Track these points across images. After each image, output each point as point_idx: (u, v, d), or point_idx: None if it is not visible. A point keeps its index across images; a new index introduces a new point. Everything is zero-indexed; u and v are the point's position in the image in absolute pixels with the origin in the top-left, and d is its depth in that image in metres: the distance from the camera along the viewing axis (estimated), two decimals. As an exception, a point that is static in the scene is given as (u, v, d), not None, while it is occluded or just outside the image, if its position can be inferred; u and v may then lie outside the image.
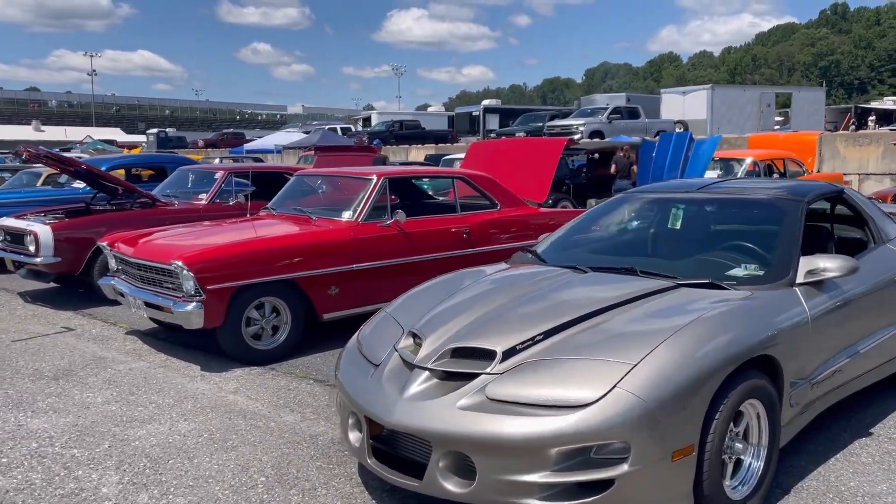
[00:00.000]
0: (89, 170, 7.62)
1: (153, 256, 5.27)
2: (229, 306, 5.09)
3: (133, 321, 6.68)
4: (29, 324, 6.64)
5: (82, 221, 7.33)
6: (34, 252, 7.05)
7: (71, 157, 7.85)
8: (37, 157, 7.58)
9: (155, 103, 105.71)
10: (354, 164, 9.32)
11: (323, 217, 5.94)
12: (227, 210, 8.10)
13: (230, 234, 5.75)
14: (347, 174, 6.59)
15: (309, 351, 5.55)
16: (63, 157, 7.55)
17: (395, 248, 5.89)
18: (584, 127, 24.56)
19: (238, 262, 5.12)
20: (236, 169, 8.48)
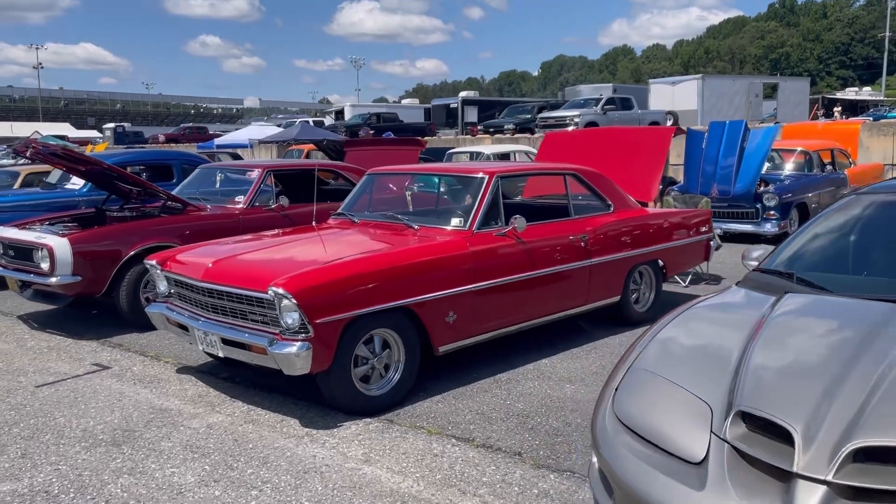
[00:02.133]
0: (109, 169, 6.36)
1: (237, 281, 4.13)
2: (339, 343, 4.00)
3: (180, 354, 5.50)
4: (49, 360, 5.41)
5: (106, 232, 6.08)
6: (48, 270, 5.79)
7: (89, 154, 6.60)
8: (43, 154, 6.29)
9: (104, 97, 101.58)
10: (397, 159, 8.22)
11: (426, 225, 4.88)
12: (268, 215, 6.95)
13: (321, 249, 4.65)
14: (448, 171, 5.51)
15: (420, 395, 4.50)
16: (76, 155, 6.29)
17: (514, 261, 4.87)
18: (579, 118, 23.77)
19: (349, 287, 4.03)
20: (275, 166, 7.30)
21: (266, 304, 3.99)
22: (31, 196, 8.88)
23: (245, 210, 6.85)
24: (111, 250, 5.99)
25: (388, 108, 39.22)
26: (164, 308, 4.79)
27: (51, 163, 6.86)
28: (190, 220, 6.55)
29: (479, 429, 3.97)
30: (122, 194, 7.28)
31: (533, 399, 4.41)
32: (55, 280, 5.80)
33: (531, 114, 27.86)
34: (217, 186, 7.55)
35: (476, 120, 34.40)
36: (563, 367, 4.99)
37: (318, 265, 4.09)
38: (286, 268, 4.10)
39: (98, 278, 5.97)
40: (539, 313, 5.13)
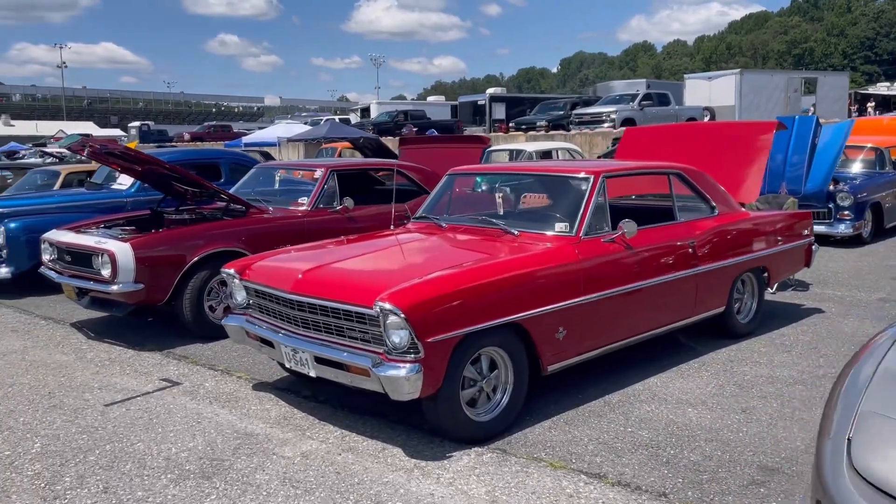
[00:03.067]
0: (170, 170, 6.00)
1: (335, 294, 3.73)
2: (448, 364, 3.59)
3: (251, 368, 5.13)
4: (112, 374, 5.05)
5: (169, 236, 5.71)
6: (110, 278, 5.44)
7: (150, 153, 6.25)
8: (100, 153, 5.94)
9: (127, 96, 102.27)
10: (457, 158, 7.79)
11: (526, 231, 4.44)
12: (333, 217, 6.56)
13: (420, 258, 4.24)
14: (545, 171, 5.06)
15: (527, 420, 4.06)
16: (135, 154, 5.92)
17: (624, 271, 4.43)
18: (615, 114, 23.24)
19: (460, 301, 3.61)
20: (339, 166, 6.91)
21: (368, 320, 3.58)
22: (78, 197, 8.56)
23: (309, 212, 6.46)
24: (175, 256, 5.62)
25: (414, 106, 38.80)
26: (243, 321, 4.40)
27: (105, 162, 6.52)
28: (253, 223, 6.17)
29: (607, 462, 3.54)
30: (177, 195, 6.94)
31: (656, 425, 3.96)
32: (116, 288, 5.44)
33: (564, 110, 27.31)
34: (276, 187, 7.17)
35: (504, 117, 33.92)
36: (677, 388, 4.53)
37: (424, 277, 3.67)
38: (389, 280, 3.68)
39: (161, 286, 5.61)
40: (647, 327, 4.68)
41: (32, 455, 3.77)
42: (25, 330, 6.33)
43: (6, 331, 6.32)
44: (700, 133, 6.39)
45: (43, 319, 6.70)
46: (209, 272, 5.76)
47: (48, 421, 4.22)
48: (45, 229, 7.70)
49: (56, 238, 6.03)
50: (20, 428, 4.13)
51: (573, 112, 24.93)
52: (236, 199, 6.25)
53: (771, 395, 4.40)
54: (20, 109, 79.18)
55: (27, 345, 5.84)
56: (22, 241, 7.60)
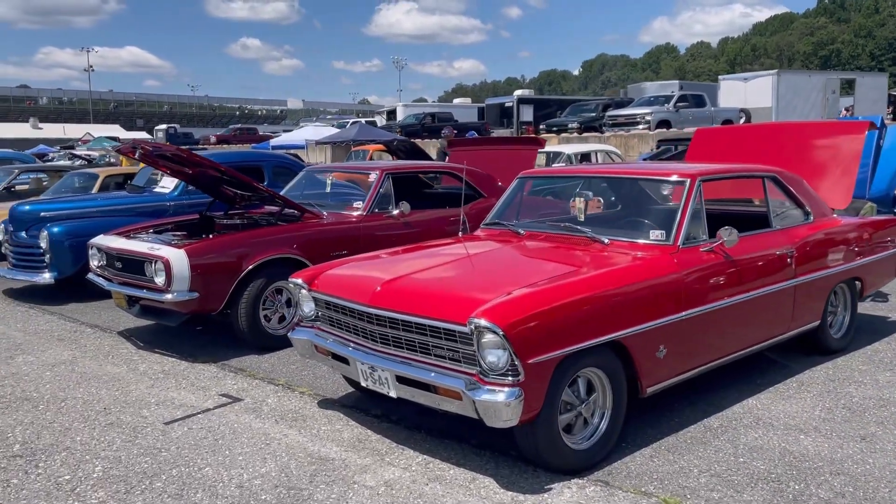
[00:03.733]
0: (226, 173, 5.74)
1: (421, 308, 3.41)
2: (549, 388, 3.26)
3: (313, 383, 4.84)
4: (168, 388, 4.79)
5: (225, 242, 5.45)
6: (164, 286, 5.18)
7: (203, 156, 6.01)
8: (152, 155, 5.70)
9: (152, 99, 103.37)
10: (511, 161, 7.48)
11: (618, 239, 4.10)
12: (389, 222, 6.26)
13: (508, 269, 3.93)
14: (634, 173, 4.71)
15: (625, 448, 3.72)
16: (189, 157, 5.66)
17: (725, 283, 4.07)
18: (651, 116, 22.79)
19: (561, 318, 3.28)
20: (394, 169, 6.61)
21: (459, 337, 3.27)
22: (120, 200, 8.36)
23: (364, 217, 6.17)
24: (230, 263, 5.35)
25: (440, 108, 38.54)
26: (311, 335, 4.11)
27: (156, 165, 6.29)
28: (308, 228, 5.89)
29: (726, 498, 3.18)
30: (226, 199, 6.70)
31: (770, 455, 3.60)
32: (170, 297, 5.18)
33: (595, 112, 26.88)
34: (326, 191, 6.89)
35: (531, 119, 33.55)
36: (780, 411, 4.16)
37: (520, 291, 3.34)
38: (481, 293, 3.36)
39: (216, 294, 5.34)
40: (744, 344, 4.32)
41: (94, 480, 3.50)
42: (72, 339, 6.10)
43: (52, 339, 6.10)
44: (785, 134, 6.00)
45: (89, 327, 6.48)
46: (265, 280, 5.49)
47: (107, 440, 3.96)
48: (89, 234, 7.52)
49: (106, 244, 5.80)
50: (78, 448, 3.87)
51: (606, 114, 24.49)
52: (291, 204, 5.98)
53: (888, 420, 4.01)
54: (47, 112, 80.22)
55: (76, 355, 5.61)
56: (65, 246, 7.41)
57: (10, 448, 3.89)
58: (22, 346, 5.91)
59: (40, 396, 4.70)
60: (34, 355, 5.63)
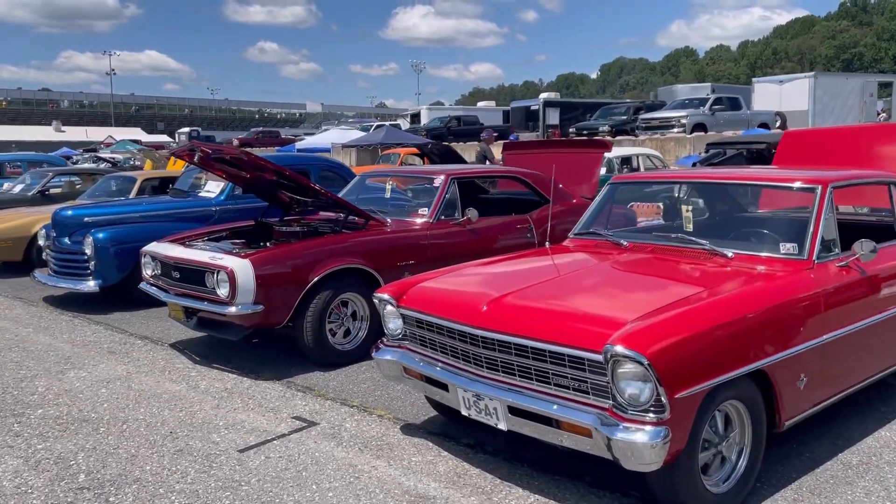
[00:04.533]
0: (291, 178, 5.39)
1: (544, 332, 3.02)
2: (693, 426, 2.87)
3: (390, 404, 4.47)
4: (235, 409, 4.44)
5: (290, 252, 5.09)
6: (227, 298, 4.84)
7: (266, 158, 5.66)
8: (209, 159, 5.37)
9: (173, 102, 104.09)
10: (573, 165, 7.08)
11: (743, 252, 3.69)
12: (456, 230, 5.88)
13: (632, 287, 3.54)
14: (755, 179, 4.29)
15: (760, 488, 3.31)
16: (251, 160, 5.32)
17: (861, 302, 3.66)
18: (686, 119, 22.26)
19: (707, 345, 2.89)
20: (460, 173, 6.23)
21: (589, 365, 2.88)
22: (165, 205, 8.06)
23: (431, 224, 5.80)
24: (296, 274, 5.00)
25: (465, 111, 38.18)
26: (400, 356, 3.74)
27: (211, 168, 5.96)
28: (374, 237, 5.53)
29: (902, 553, 2.77)
30: (282, 204, 6.36)
31: (932, 499, 3.18)
32: (234, 310, 4.84)
33: (627, 115, 26.37)
34: (385, 196, 6.53)
35: (558, 122, 33.08)
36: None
37: (660, 314, 2.95)
38: (613, 315, 2.98)
39: (281, 307, 5.00)
40: (879, 368, 3.90)
41: (173, 519, 3.16)
42: (123, 352, 5.79)
43: (103, 352, 5.79)
44: (872, 136, 5.56)
45: (139, 339, 6.16)
46: (332, 292, 5.14)
47: (179, 470, 3.62)
48: (134, 240, 7.25)
49: (162, 252, 5.47)
50: (149, 480, 3.53)
51: (640, 117, 23.97)
52: (356, 210, 5.61)
53: None
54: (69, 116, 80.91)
55: (130, 370, 5.28)
56: (111, 253, 7.11)
57: (74, 479, 3.56)
58: (72, 359, 5.60)
59: (99, 417, 4.37)
60: (86, 370, 5.31)
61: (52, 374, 5.22)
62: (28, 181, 12.52)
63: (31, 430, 4.19)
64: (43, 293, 8.15)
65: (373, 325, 5.39)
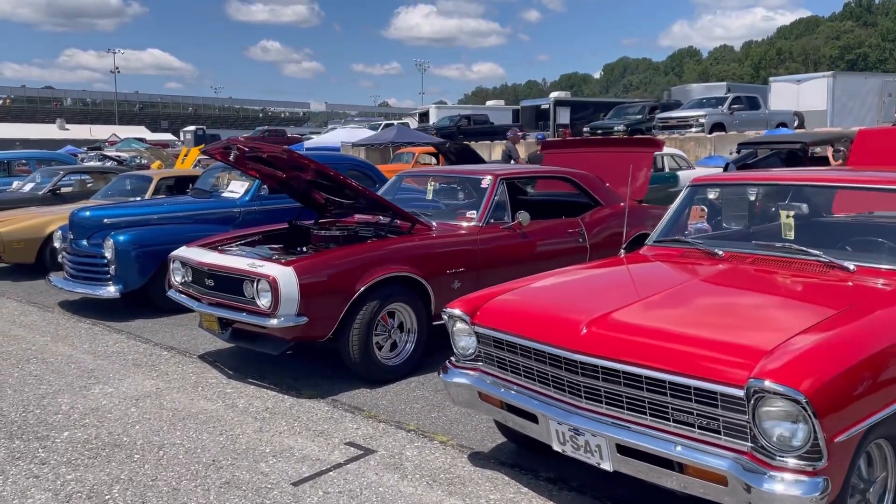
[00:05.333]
0: (333, 178, 4.97)
1: (668, 361, 2.60)
2: (847, 472, 2.45)
3: (449, 428, 4.05)
4: (281, 433, 4.02)
5: (337, 258, 4.67)
6: (269, 309, 4.42)
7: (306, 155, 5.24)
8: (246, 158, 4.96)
9: (177, 101, 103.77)
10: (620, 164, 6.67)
11: (866, 265, 3.27)
12: (506, 234, 5.47)
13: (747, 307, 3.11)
14: (866, 182, 3.87)
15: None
16: (294, 159, 4.91)
17: None
18: (705, 118, 21.81)
19: (864, 378, 2.47)
20: (509, 174, 5.81)
21: (722, 400, 2.46)
22: (187, 206, 7.64)
23: (480, 228, 5.38)
24: (343, 282, 4.58)
25: (474, 110, 37.75)
26: (475, 379, 3.33)
27: (244, 167, 5.55)
28: (421, 241, 5.11)
29: None
30: (316, 206, 5.96)
31: None
32: (276, 322, 4.42)
33: (642, 114, 25.93)
34: (428, 198, 6.11)
35: (568, 121, 32.67)
36: None
37: (807, 340, 2.53)
38: (750, 341, 2.56)
39: (326, 319, 4.58)
40: None
41: (230, 571, 2.74)
42: (150, 364, 5.38)
43: (128, 364, 5.38)
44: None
45: (165, 350, 5.75)
46: (379, 302, 4.72)
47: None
48: (157, 243, 6.86)
49: (194, 257, 5.05)
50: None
51: (657, 116, 23.52)
52: (403, 214, 5.19)
53: None
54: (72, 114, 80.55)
55: (160, 385, 4.87)
56: (132, 256, 6.70)
57: (112, 517, 3.15)
58: (95, 373, 5.19)
59: (132, 441, 3.96)
60: (112, 385, 4.91)
61: (75, 390, 4.82)
62: (38, 180, 12.12)
63: (59, 456, 3.78)
64: (58, 298, 7.75)
65: (420, 338, 4.99)
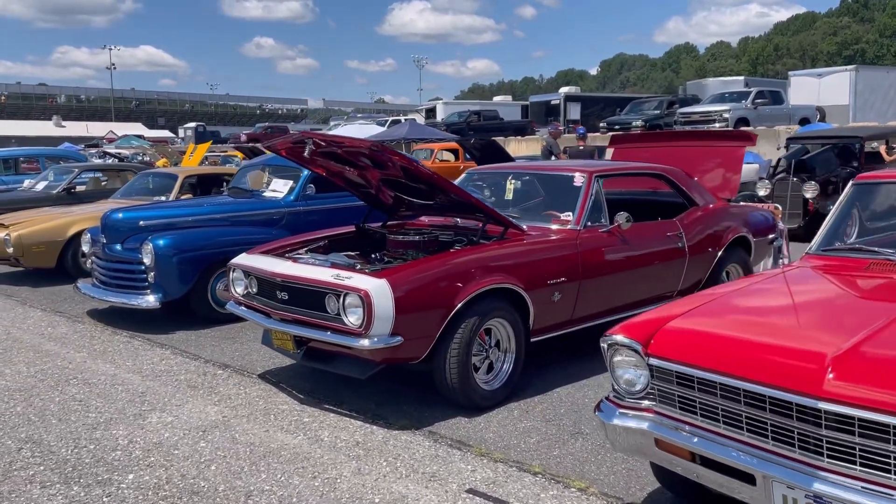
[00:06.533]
0: (421, 176, 4.37)
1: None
2: None
3: (581, 468, 3.46)
4: (384, 474, 3.43)
5: (434, 267, 4.06)
6: (360, 327, 3.81)
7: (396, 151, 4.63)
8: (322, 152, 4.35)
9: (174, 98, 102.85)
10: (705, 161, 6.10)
11: None
12: (605, 238, 4.88)
13: None
14: None
15: None
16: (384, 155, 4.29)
17: None
18: (729, 113, 21.25)
19: None
20: (604, 170, 5.21)
21: None
22: (228, 207, 7.01)
23: (582, 233, 4.78)
24: (442, 296, 3.98)
25: (483, 106, 37.11)
26: (652, 424, 2.73)
27: (311, 164, 4.94)
28: (519, 247, 4.51)
29: None
30: (385, 208, 5.37)
31: None
32: (368, 343, 3.82)
33: (660, 109, 25.39)
34: (507, 197, 5.51)
35: (579, 117, 32.11)
36: None
37: None
38: None
39: (421, 338, 3.98)
40: None
41: None
42: (207, 386, 4.78)
43: (181, 386, 4.78)
44: None
45: (219, 368, 5.15)
46: (478, 318, 4.13)
47: (356, 583, 2.62)
48: (199, 247, 6.29)
49: (264, 266, 4.43)
50: None
51: (678, 111, 22.94)
52: (496, 216, 4.58)
53: None
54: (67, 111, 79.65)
55: (225, 413, 4.27)
56: (173, 262, 6.09)
57: None
58: (147, 397, 4.59)
59: (212, 487, 3.36)
60: (170, 412, 4.31)
61: (129, 419, 4.21)
62: (51, 178, 11.47)
63: (129, 508, 3.19)
64: (85, 306, 7.13)
65: (518, 357, 4.41)
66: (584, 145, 11.43)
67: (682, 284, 5.43)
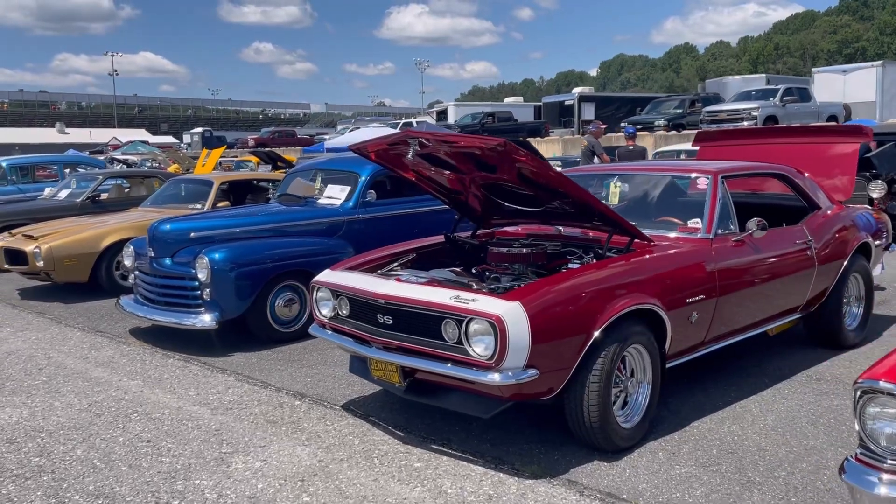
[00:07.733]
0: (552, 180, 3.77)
1: None
2: None
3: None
4: (541, 543, 2.85)
5: (571, 287, 3.44)
6: (490, 359, 3.22)
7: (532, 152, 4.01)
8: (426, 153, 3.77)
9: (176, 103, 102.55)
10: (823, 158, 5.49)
11: None
12: (738, 248, 4.29)
13: None
14: None
15: None
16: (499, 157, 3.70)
17: None
18: (757, 111, 20.67)
19: None
20: (728, 170, 4.61)
21: None
22: (284, 216, 6.40)
23: (710, 242, 4.20)
24: (580, 320, 3.40)
25: (494, 107, 36.58)
26: None
27: (401, 169, 4.35)
28: (654, 261, 3.90)
29: None
30: (475, 215, 4.78)
31: None
32: (500, 378, 3.23)
33: (683, 108, 24.84)
34: (614, 202, 4.91)
35: (593, 118, 31.55)
36: None
37: None
38: None
39: (557, 370, 3.38)
40: None
41: None
42: (289, 421, 4.18)
43: (259, 422, 4.18)
44: None
45: (296, 398, 4.56)
46: (618, 345, 3.54)
47: None
48: (258, 261, 5.73)
49: (364, 287, 3.81)
50: None
51: (704, 110, 22.36)
52: (624, 225, 3.98)
53: None
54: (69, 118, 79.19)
55: (321, 457, 3.67)
56: (231, 278, 5.51)
57: None
58: (223, 436, 3.99)
59: (335, 560, 2.77)
60: (256, 456, 3.71)
61: (210, 465, 3.62)
62: (74, 185, 10.89)
63: (244, 591, 2.60)
64: (126, 324, 6.55)
65: (655, 388, 3.82)
66: (634, 145, 10.85)
67: (807, 297, 4.86)
